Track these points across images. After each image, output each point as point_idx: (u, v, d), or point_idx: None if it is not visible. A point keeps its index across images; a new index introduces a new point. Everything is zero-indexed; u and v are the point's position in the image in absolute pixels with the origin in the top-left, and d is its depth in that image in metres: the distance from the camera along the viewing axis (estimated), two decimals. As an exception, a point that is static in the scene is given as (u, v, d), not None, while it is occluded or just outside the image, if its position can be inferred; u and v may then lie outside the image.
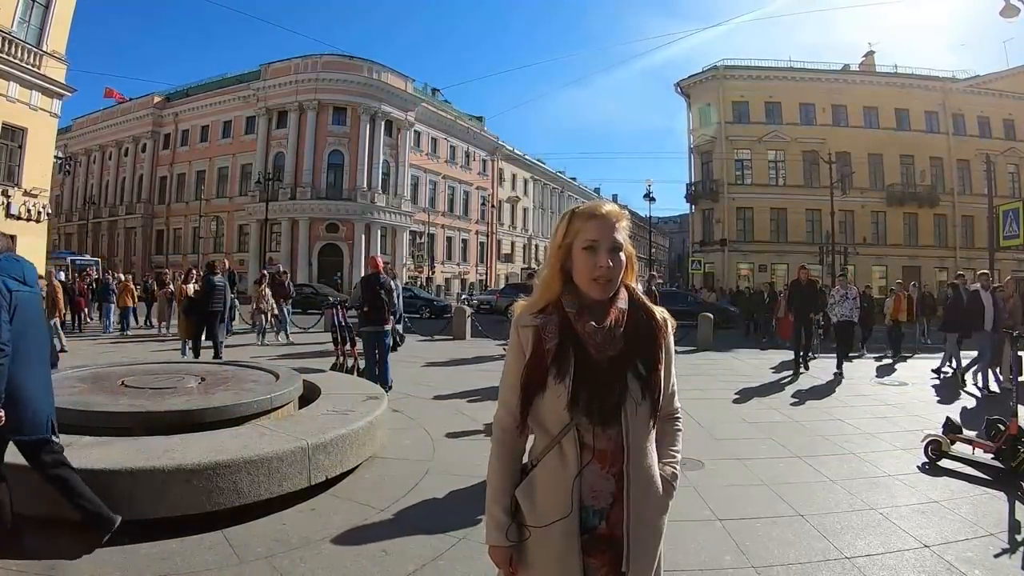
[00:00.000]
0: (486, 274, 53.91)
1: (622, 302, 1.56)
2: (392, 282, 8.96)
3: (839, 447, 5.93)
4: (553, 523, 1.48)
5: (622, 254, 1.54)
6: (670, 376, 1.63)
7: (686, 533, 3.67)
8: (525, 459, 1.62)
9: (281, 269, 17.25)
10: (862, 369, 11.68)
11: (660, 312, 1.62)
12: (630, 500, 1.48)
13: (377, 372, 8.06)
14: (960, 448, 5.37)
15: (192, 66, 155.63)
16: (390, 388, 7.97)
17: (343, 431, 4.49)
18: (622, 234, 1.55)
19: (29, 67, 20.22)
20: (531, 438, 1.61)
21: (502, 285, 44.57)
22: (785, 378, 10.32)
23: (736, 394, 8.76)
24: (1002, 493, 4.59)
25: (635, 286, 1.63)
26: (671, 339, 1.63)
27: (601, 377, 1.49)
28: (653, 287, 13.81)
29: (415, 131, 45.88)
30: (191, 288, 11.18)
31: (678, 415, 1.72)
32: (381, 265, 8.57)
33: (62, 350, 10.81)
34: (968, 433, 5.49)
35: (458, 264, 51.54)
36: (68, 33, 21.85)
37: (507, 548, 1.55)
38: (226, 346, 11.04)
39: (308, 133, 40.52)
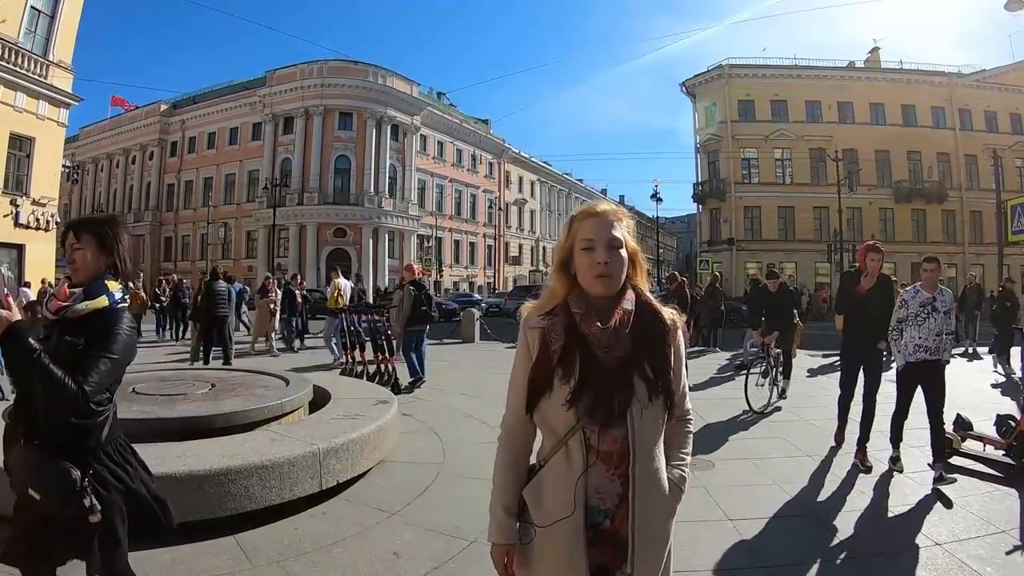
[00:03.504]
0: (494, 277, 53.83)
1: (628, 303, 1.55)
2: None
3: (849, 445, 5.90)
4: (557, 522, 1.49)
5: (623, 251, 1.54)
6: (680, 378, 1.62)
7: (697, 533, 3.67)
8: (533, 459, 1.63)
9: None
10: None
11: (669, 313, 1.60)
12: (635, 503, 1.48)
13: (411, 365, 8.76)
14: (971, 445, 5.34)
15: (198, 73, 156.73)
16: (423, 381, 8.74)
17: (353, 435, 4.52)
18: (621, 231, 1.55)
19: (36, 77, 20.37)
20: (539, 439, 1.62)
21: (510, 287, 44.52)
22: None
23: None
24: (1013, 490, 4.57)
25: (644, 287, 1.61)
26: (681, 341, 1.62)
27: (607, 379, 1.48)
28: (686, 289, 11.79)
29: (421, 135, 45.83)
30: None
31: (689, 417, 1.71)
32: (418, 272, 9.21)
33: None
34: (979, 430, 5.46)
35: (466, 267, 51.54)
36: (74, 42, 22.03)
37: (505, 546, 1.58)
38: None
39: (315, 138, 40.52)
